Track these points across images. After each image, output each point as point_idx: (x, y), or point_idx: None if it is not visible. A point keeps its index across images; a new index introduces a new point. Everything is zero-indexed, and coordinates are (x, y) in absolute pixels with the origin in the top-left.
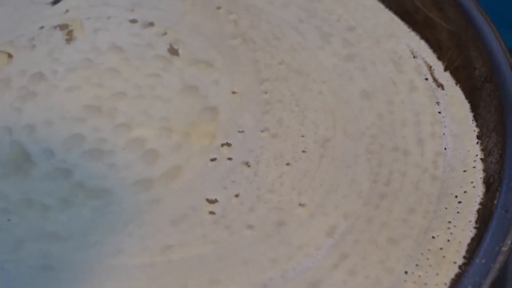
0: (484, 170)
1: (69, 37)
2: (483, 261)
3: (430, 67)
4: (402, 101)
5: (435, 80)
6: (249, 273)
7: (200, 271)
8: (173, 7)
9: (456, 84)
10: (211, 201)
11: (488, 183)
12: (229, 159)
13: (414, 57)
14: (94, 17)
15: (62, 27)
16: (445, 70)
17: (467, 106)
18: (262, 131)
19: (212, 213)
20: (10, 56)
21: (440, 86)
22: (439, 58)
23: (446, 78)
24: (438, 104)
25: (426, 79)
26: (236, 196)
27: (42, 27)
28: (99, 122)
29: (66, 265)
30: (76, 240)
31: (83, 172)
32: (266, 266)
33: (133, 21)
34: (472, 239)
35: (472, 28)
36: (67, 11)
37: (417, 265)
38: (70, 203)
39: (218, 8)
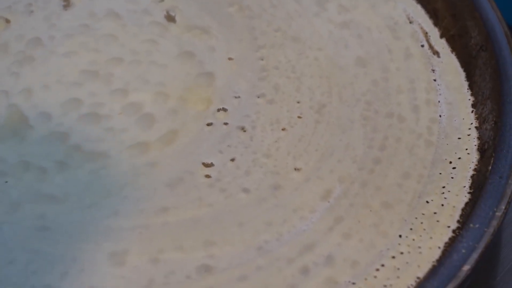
0: (478, 138)
1: (66, 3)
2: (477, 225)
3: (426, 33)
4: (398, 68)
5: (431, 47)
6: (244, 236)
7: (195, 233)
8: None
9: (452, 52)
10: (207, 165)
11: (482, 149)
12: (225, 124)
13: (410, 22)
14: None
15: None
16: (441, 37)
17: (462, 74)
18: (258, 97)
19: (208, 176)
20: (7, 21)
21: (436, 53)
22: (435, 24)
23: (442, 45)
24: (433, 72)
25: (422, 45)
26: (232, 160)
27: None
28: (96, 86)
29: (62, 226)
30: (72, 202)
31: (79, 135)
32: (261, 228)
33: None
34: (466, 204)
35: None
36: None
37: (411, 229)
38: (66, 165)
39: None
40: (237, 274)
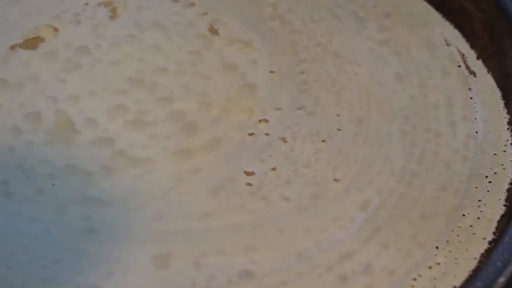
0: None
1: (113, 14)
2: None
3: (463, 55)
4: (435, 85)
5: (467, 67)
6: (284, 242)
7: (237, 239)
8: None
9: (488, 72)
10: (249, 173)
11: None
12: (266, 134)
13: (447, 45)
14: None
15: (106, 4)
16: (478, 58)
17: (498, 93)
18: (298, 109)
19: (249, 184)
20: (56, 30)
21: (473, 73)
22: (472, 47)
23: (478, 66)
24: (470, 90)
25: (459, 66)
26: (273, 169)
27: (87, 4)
28: (141, 94)
29: (107, 228)
30: (118, 205)
31: (125, 141)
32: (301, 236)
33: (175, 0)
34: (502, 217)
35: (505, 17)
36: None
37: (447, 241)
38: (111, 170)
39: None
40: (278, 279)
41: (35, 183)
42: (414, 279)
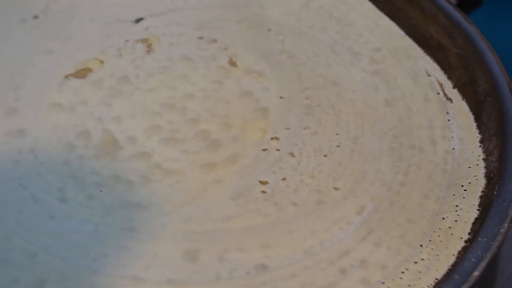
0: (485, 167)
1: (149, 49)
2: (485, 239)
3: (441, 84)
4: (418, 109)
5: (445, 95)
6: (293, 241)
7: (253, 238)
8: (232, 28)
9: (463, 99)
10: (263, 183)
11: (489, 177)
12: (277, 150)
13: (428, 75)
14: (169, 34)
15: (143, 41)
16: (454, 87)
17: (471, 117)
18: (304, 129)
19: (263, 192)
20: (102, 62)
21: (449, 100)
22: (448, 77)
23: (454, 94)
24: (447, 114)
25: (438, 93)
26: (283, 179)
27: (127, 40)
28: (173, 116)
29: (146, 228)
30: (154, 209)
31: (159, 155)
32: (307, 236)
33: (200, 38)
34: (476, 220)
35: (477, 52)
36: (147, 28)
37: (430, 240)
38: (149, 180)
39: (269, 30)
40: (288, 272)
41: (85, 190)
42: (402, 272)
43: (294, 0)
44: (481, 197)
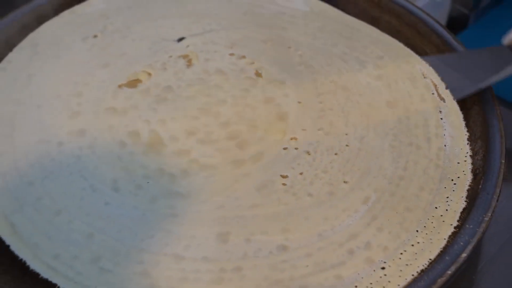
0: (472, 164)
1: (189, 64)
2: (471, 226)
3: (436, 85)
4: (416, 109)
5: (439, 95)
6: (309, 226)
7: (275, 223)
8: (259, 46)
9: (454, 99)
10: (283, 176)
11: (475, 173)
12: (296, 148)
13: (424, 77)
14: (205, 51)
15: (184, 56)
16: (446, 88)
17: (461, 116)
18: (318, 130)
19: (284, 184)
20: (149, 74)
21: (442, 99)
22: (442, 79)
23: (447, 94)
24: (440, 113)
25: (433, 93)
26: (300, 173)
27: (170, 56)
28: (208, 120)
29: (185, 214)
30: (192, 198)
31: (197, 152)
32: (321, 221)
33: (231, 54)
34: (464, 209)
35: None
36: (187, 46)
37: (425, 226)
38: (188, 173)
39: (289, 47)
40: (304, 252)
41: (135, 182)
42: (401, 253)
43: (311, 25)
44: (468, 190)
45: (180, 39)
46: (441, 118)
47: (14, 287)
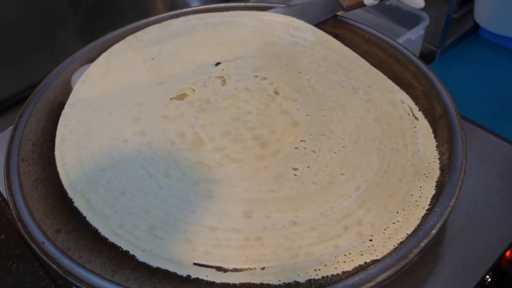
0: (440, 163)
1: (223, 83)
2: (439, 209)
3: (411, 108)
4: (396, 124)
5: (413, 115)
6: (313, 206)
7: (288, 203)
8: (277, 70)
9: (425, 118)
10: (295, 169)
11: (442, 170)
12: (304, 148)
13: (402, 102)
14: (236, 73)
15: (220, 77)
16: (419, 110)
17: (430, 130)
18: (321, 135)
19: (295, 175)
20: (193, 90)
21: (416, 118)
22: (416, 104)
23: (419, 115)
24: (415, 128)
25: (409, 114)
26: (308, 167)
27: (209, 77)
28: (238, 125)
29: (219, 195)
30: (224, 184)
31: (229, 149)
32: (322, 204)
33: (256, 76)
34: (433, 196)
35: (434, 88)
36: (222, 69)
37: (403, 209)
38: (221, 165)
39: (300, 72)
40: (310, 226)
41: (181, 170)
42: (385, 229)
43: (316, 54)
44: (437, 181)
45: (217, 64)
46: (415, 132)
47: (88, 249)
